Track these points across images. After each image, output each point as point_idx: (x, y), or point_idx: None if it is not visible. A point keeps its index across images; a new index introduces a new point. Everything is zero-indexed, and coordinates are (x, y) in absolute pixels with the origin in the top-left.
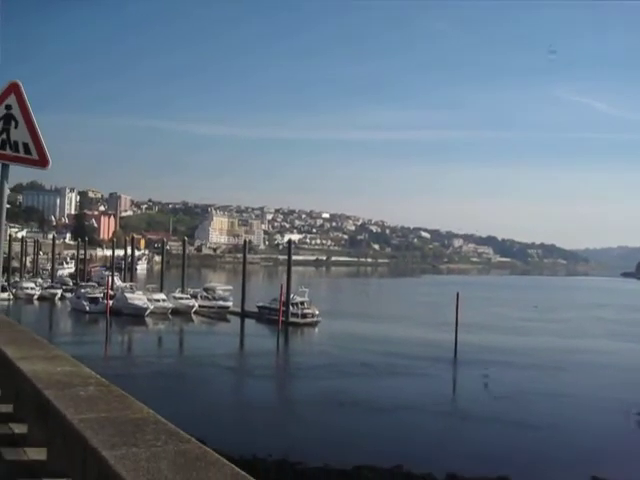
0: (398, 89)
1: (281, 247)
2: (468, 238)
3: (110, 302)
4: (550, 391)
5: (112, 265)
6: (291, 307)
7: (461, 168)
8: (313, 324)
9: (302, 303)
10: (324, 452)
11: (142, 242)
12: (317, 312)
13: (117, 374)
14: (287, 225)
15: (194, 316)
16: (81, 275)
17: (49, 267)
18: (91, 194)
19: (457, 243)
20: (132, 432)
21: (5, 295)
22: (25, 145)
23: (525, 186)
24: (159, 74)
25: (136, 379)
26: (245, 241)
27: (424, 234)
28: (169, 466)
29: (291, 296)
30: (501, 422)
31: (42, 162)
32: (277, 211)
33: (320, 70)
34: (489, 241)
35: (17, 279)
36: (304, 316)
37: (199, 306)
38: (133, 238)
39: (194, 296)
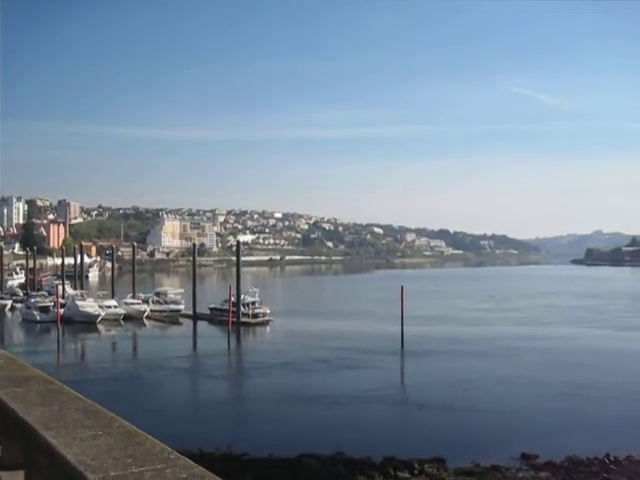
0: (347, 88)
1: (234, 249)
2: (420, 232)
3: (61, 311)
4: (494, 377)
5: (62, 274)
6: (242, 307)
7: (411, 162)
8: (264, 323)
9: (253, 303)
10: (271, 443)
11: (93, 249)
12: (268, 311)
13: (70, 380)
14: (240, 226)
15: (146, 321)
16: (31, 285)
17: None
18: (39, 202)
19: (410, 237)
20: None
21: None
22: None
23: (475, 179)
24: (100, 76)
25: (89, 384)
26: (194, 244)
27: (377, 230)
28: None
29: (242, 297)
30: (441, 408)
31: None
32: (229, 212)
33: (270, 70)
34: (441, 234)
35: None
36: (255, 316)
37: (151, 311)
38: (82, 246)
39: (145, 301)
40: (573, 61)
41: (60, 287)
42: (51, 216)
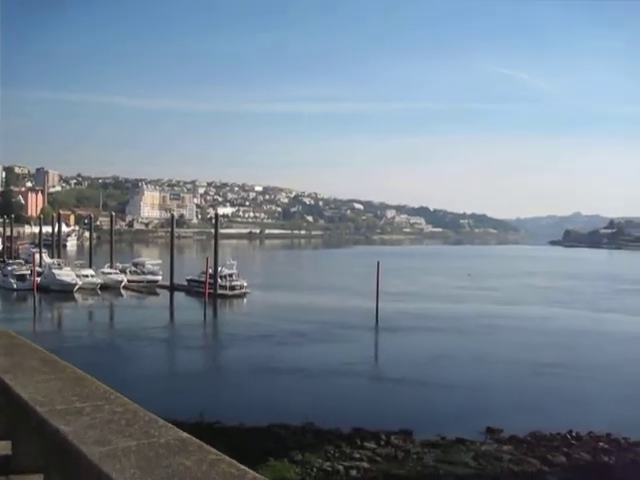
0: (329, 64)
1: (214, 221)
2: (401, 209)
3: (38, 279)
4: (468, 354)
5: (40, 242)
6: (219, 280)
7: (389, 138)
8: (241, 296)
9: (230, 275)
10: (244, 413)
11: (72, 218)
12: (245, 284)
13: (45, 348)
14: (220, 199)
15: (123, 291)
16: (8, 253)
17: None
18: (17, 170)
19: (390, 214)
20: None
21: None
22: None
23: (456, 157)
24: (85, 47)
25: (65, 352)
26: (172, 215)
27: (357, 206)
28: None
29: (219, 269)
30: (412, 383)
31: None
32: (209, 184)
33: (255, 45)
34: (421, 212)
35: None
36: (232, 288)
37: (128, 281)
38: (59, 214)
39: (123, 271)
40: (556, 43)
41: (37, 256)
42: (29, 184)
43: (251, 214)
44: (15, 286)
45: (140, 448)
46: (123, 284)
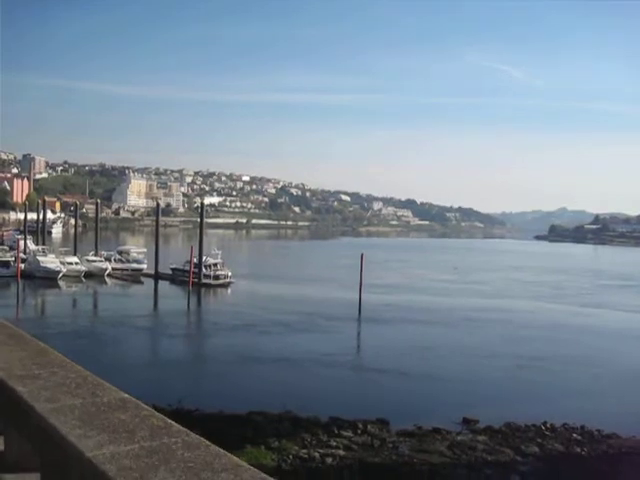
0: (322, 55)
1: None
2: (388, 201)
3: (22, 265)
4: (451, 347)
5: (25, 229)
6: (204, 269)
7: (377, 130)
8: (225, 285)
9: (215, 265)
10: (223, 401)
11: (57, 205)
12: (230, 274)
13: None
14: (207, 188)
15: (107, 279)
16: None
17: None
18: (3, 156)
19: (377, 206)
20: None
21: None
22: None
23: (444, 150)
24: (77, 34)
25: (47, 338)
26: (158, 204)
27: (344, 197)
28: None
29: (204, 258)
30: (392, 373)
31: None
32: (197, 173)
33: (251, 35)
34: (408, 204)
35: None
36: (216, 277)
37: (113, 269)
38: (44, 201)
39: (108, 259)
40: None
41: (22, 242)
42: (15, 170)
43: (238, 204)
44: None
45: (84, 405)
46: (107, 272)
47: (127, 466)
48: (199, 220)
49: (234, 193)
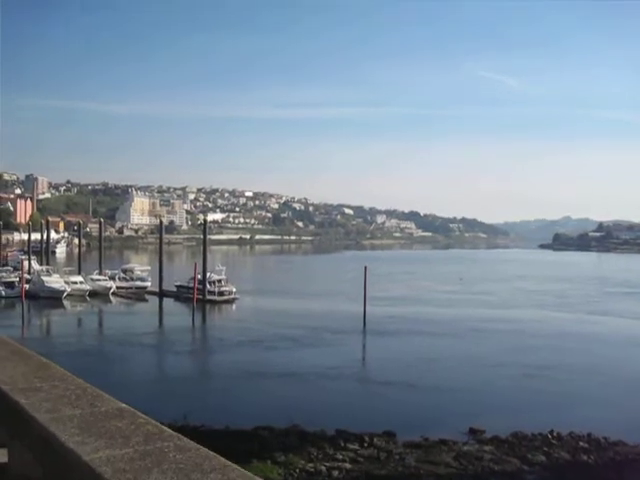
0: (319, 66)
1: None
2: (391, 214)
3: (26, 286)
4: (458, 358)
5: (29, 249)
6: (208, 285)
7: (379, 142)
8: (230, 301)
9: (219, 281)
10: (230, 416)
11: (61, 225)
12: (234, 290)
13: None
14: (210, 205)
15: (112, 297)
16: None
17: None
18: (6, 177)
19: (380, 219)
20: None
21: None
22: None
23: (445, 161)
24: (77, 53)
25: (53, 358)
26: (161, 221)
27: (347, 210)
28: None
29: (208, 274)
30: (399, 385)
31: None
32: (199, 190)
33: (250, 49)
34: (411, 216)
35: None
36: (221, 294)
37: (117, 287)
38: (48, 221)
39: (112, 277)
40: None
41: (26, 262)
42: (18, 191)
43: (241, 220)
44: (3, 293)
45: (83, 415)
46: (112, 290)
47: (122, 468)
48: (202, 237)
49: (237, 209)
